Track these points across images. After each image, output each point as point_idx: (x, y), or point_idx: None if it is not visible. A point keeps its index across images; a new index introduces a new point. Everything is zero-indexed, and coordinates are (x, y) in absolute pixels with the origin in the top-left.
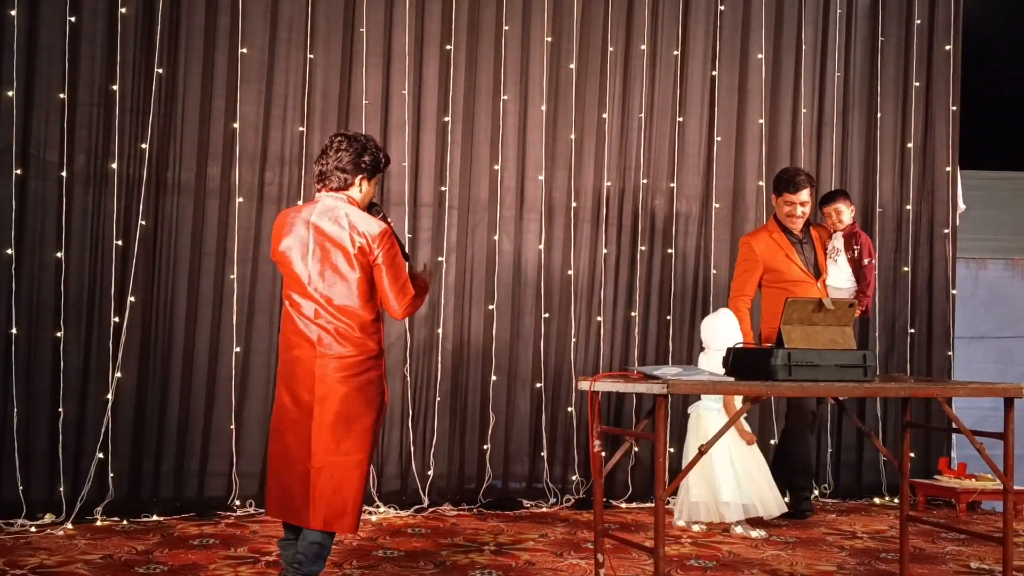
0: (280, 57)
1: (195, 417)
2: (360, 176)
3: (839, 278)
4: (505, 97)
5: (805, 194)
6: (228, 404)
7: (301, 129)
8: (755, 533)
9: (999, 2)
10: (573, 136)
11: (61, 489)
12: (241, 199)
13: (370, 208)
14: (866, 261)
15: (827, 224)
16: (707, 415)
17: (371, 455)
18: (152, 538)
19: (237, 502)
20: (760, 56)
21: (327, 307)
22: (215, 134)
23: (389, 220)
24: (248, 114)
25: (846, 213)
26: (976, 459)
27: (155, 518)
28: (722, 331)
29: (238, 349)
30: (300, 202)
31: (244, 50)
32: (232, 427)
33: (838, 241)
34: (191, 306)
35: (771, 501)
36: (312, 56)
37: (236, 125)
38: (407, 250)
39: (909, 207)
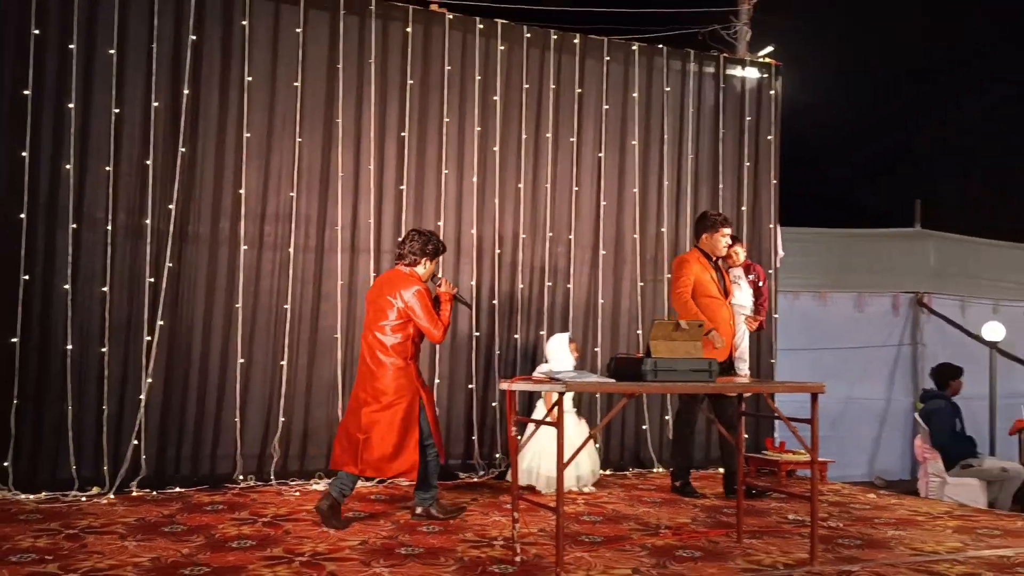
0: (276, 139)
1: (208, 412)
2: (424, 258)
3: (742, 298)
4: (446, 171)
5: (730, 231)
6: (234, 403)
7: (292, 194)
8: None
9: (810, 105)
10: (496, 200)
11: (105, 468)
12: (246, 247)
13: (433, 279)
14: (761, 283)
15: (728, 261)
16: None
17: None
18: (175, 505)
19: (241, 477)
20: (634, 142)
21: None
22: (226, 197)
23: (452, 285)
24: (251, 182)
25: (742, 253)
26: (792, 439)
27: (177, 490)
28: (556, 349)
29: (242, 360)
30: (291, 249)
31: (248, 134)
32: (236, 420)
33: (737, 271)
34: (206, 328)
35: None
36: (300, 139)
37: (242, 191)
38: (466, 299)
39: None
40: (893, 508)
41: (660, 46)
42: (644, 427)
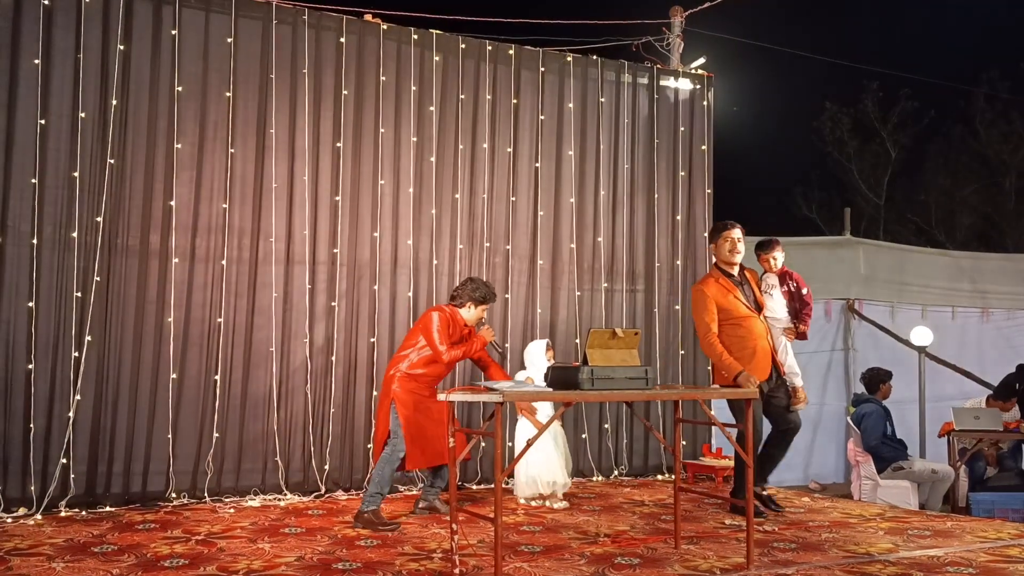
0: (207, 151)
1: (140, 429)
2: (470, 302)
3: (777, 310)
4: (382, 182)
5: (738, 231)
6: (166, 418)
7: (224, 206)
8: (560, 504)
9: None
10: (433, 211)
11: (32, 488)
12: (177, 260)
13: (479, 325)
14: (804, 291)
15: (765, 267)
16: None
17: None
18: (105, 524)
19: (174, 494)
20: (571, 153)
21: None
22: (156, 209)
23: (493, 333)
24: (182, 194)
25: (780, 258)
26: (729, 445)
27: (108, 509)
28: (533, 354)
29: (174, 375)
30: (224, 262)
31: (179, 145)
32: (169, 436)
33: (772, 279)
34: (137, 343)
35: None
36: (233, 150)
37: (172, 203)
38: (499, 345)
39: (679, 262)
40: (827, 511)
41: (595, 57)
42: (583, 435)
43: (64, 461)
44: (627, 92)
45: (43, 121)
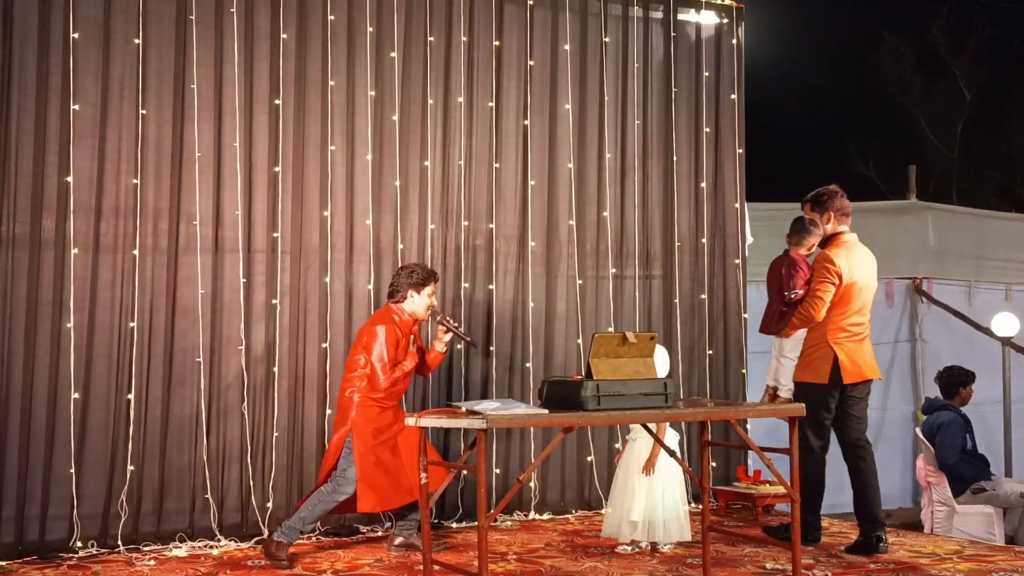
0: (112, 113)
1: (35, 463)
2: (410, 290)
3: None
4: (332, 147)
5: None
6: (68, 448)
7: (135, 182)
8: (637, 548)
9: (777, 54)
10: (398, 183)
11: None
12: (76, 250)
13: (433, 316)
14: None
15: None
16: (634, 444)
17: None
18: None
19: (79, 543)
20: (567, 107)
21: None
22: (49, 188)
23: (449, 320)
24: (82, 168)
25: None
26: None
27: None
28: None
29: (76, 395)
30: (136, 252)
31: (76, 107)
32: (72, 471)
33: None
34: (28, 355)
35: (658, 529)
36: (144, 111)
37: (70, 179)
38: (464, 332)
39: (704, 241)
40: (892, 549)
41: None
42: (589, 458)
43: None
44: (637, 29)
45: None
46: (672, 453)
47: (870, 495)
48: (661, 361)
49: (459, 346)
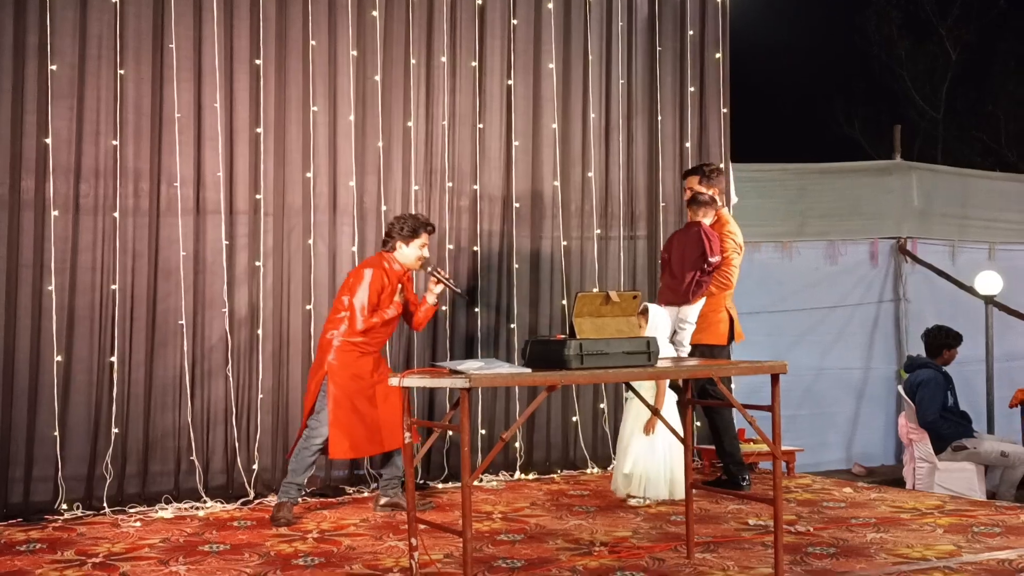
0: (90, 73)
1: (17, 425)
2: (400, 242)
3: None
4: (315, 108)
5: (690, 181)
6: (51, 411)
7: (114, 143)
8: (634, 500)
9: (762, 13)
10: (381, 144)
11: None
12: (56, 211)
13: (424, 266)
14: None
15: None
16: (632, 402)
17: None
18: None
19: (64, 506)
20: (551, 66)
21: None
22: (28, 149)
23: (440, 271)
24: (60, 129)
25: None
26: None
27: None
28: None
29: (59, 358)
30: (117, 214)
31: (54, 67)
32: (55, 433)
33: None
34: (9, 318)
35: (659, 485)
36: (123, 72)
37: (48, 140)
38: (454, 284)
39: None
40: (873, 504)
41: None
42: (574, 418)
43: None
44: None
45: None
46: (657, 412)
47: (736, 440)
48: (663, 324)
49: (444, 307)
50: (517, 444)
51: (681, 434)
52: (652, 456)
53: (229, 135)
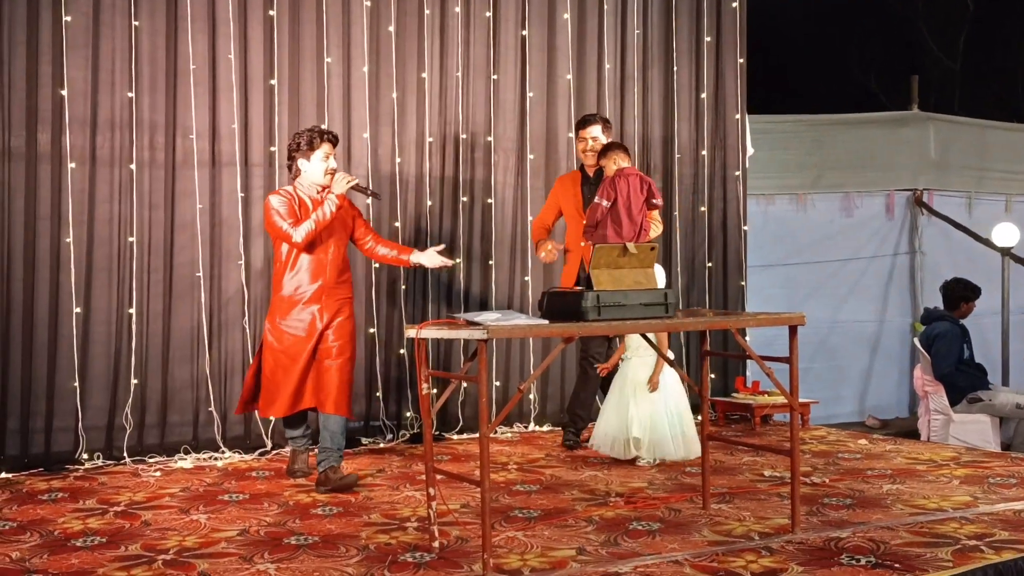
0: (105, 24)
1: (38, 376)
2: (298, 156)
3: None
4: (329, 59)
5: (595, 130)
6: (71, 362)
7: (130, 95)
8: (643, 462)
9: None
10: (395, 95)
11: None
12: (73, 164)
13: (356, 187)
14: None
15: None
16: (629, 362)
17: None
18: (1, 495)
19: (85, 455)
20: (566, 16)
21: None
22: (43, 100)
23: (367, 188)
24: (76, 80)
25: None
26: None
27: (3, 475)
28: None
29: (78, 310)
30: (133, 166)
31: (68, 18)
32: (75, 384)
33: None
34: (28, 270)
35: (667, 445)
36: (137, 23)
37: (64, 92)
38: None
39: (704, 152)
40: (889, 456)
41: None
42: None
43: None
44: None
45: None
46: (672, 363)
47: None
48: (660, 280)
49: (458, 260)
50: (532, 396)
51: (680, 392)
52: (659, 417)
53: (244, 87)
